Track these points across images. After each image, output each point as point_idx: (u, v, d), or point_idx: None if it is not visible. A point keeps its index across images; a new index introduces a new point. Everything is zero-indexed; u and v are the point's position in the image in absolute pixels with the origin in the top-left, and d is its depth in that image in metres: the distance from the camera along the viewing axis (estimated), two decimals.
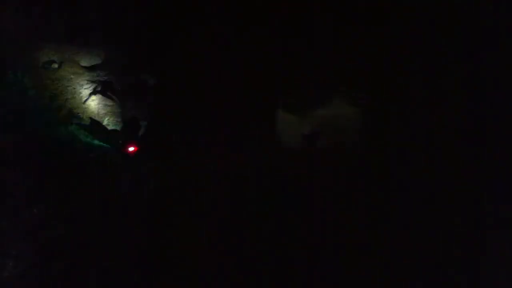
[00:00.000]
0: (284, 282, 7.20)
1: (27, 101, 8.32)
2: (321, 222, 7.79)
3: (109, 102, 8.67)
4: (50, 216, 7.37)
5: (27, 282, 6.79)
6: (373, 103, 8.98)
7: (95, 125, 8.50)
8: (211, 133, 8.78)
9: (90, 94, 8.66)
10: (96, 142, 8.37)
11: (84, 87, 8.69)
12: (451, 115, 8.51)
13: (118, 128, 8.63)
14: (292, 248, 7.52)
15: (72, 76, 8.69)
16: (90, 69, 8.73)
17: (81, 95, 8.68)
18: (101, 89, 8.62)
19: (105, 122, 8.65)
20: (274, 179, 8.28)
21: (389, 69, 8.90)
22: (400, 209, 7.91)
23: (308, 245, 7.52)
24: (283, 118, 9.21)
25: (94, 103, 8.67)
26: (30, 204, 7.39)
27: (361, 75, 8.97)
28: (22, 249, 7.00)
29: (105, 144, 8.34)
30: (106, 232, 7.37)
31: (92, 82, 8.70)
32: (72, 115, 8.57)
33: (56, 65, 8.64)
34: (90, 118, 8.53)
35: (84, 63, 8.74)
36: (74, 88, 8.67)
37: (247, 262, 7.31)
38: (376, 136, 8.84)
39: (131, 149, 8.33)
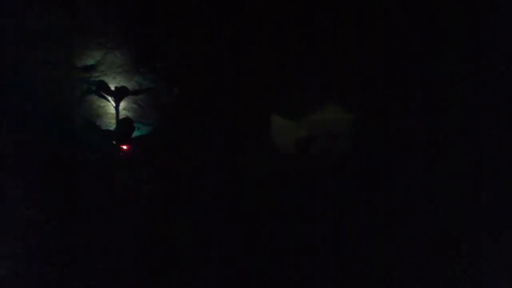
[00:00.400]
0: (283, 283, 7.10)
1: (22, 102, 8.26)
2: (316, 225, 7.69)
3: (103, 103, 8.59)
4: (49, 216, 7.33)
5: (26, 282, 6.73)
6: (368, 108, 8.90)
7: (88, 125, 8.43)
8: (206, 136, 8.70)
9: (84, 95, 8.57)
10: (90, 142, 8.27)
11: (78, 87, 8.62)
12: (449, 118, 8.45)
13: (111, 128, 8.52)
14: (290, 250, 7.43)
15: (66, 77, 8.61)
16: (84, 69, 8.68)
17: (75, 95, 8.59)
18: (94, 90, 8.54)
19: (98, 123, 8.56)
20: (269, 183, 8.18)
21: (384, 72, 8.85)
22: (395, 212, 7.84)
23: (304, 247, 7.43)
24: (278, 123, 9.13)
25: (87, 104, 8.61)
26: (28, 204, 7.36)
27: (356, 79, 8.92)
28: (20, 249, 6.96)
29: (99, 145, 8.26)
30: (105, 232, 7.32)
31: (86, 82, 8.63)
32: (66, 115, 8.48)
33: (50, 66, 8.57)
34: (84, 118, 8.45)
35: (78, 63, 8.67)
36: (68, 89, 8.59)
37: (245, 262, 7.23)
38: (371, 141, 8.78)
39: (124, 149, 8.28)
